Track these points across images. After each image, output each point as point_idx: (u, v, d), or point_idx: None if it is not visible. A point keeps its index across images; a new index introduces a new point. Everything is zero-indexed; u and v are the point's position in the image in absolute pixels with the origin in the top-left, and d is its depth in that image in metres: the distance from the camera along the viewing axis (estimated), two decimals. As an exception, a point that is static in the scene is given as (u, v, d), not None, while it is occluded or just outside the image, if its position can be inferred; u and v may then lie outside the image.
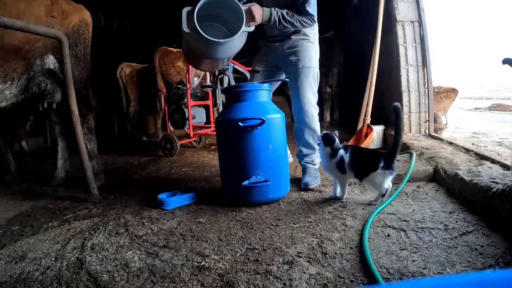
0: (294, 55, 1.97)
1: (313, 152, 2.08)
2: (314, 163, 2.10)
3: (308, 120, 1.99)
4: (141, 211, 1.74)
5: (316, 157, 2.10)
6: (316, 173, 2.06)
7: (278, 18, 1.77)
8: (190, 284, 1.06)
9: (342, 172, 1.66)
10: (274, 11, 1.77)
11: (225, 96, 1.90)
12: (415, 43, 2.94)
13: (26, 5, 1.90)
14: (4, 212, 1.88)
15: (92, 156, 2.32)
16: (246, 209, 1.67)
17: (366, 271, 1.06)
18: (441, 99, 3.86)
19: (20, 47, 1.89)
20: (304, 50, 1.95)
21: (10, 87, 1.92)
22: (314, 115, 1.98)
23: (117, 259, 1.24)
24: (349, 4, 4.27)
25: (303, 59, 1.95)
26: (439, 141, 2.62)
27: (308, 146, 2.05)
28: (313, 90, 1.99)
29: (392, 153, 1.58)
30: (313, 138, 2.01)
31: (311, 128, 2.00)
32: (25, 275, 1.17)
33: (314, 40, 2.00)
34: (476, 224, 1.32)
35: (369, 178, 1.60)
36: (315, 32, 2.02)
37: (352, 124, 3.48)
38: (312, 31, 1.99)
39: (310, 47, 1.96)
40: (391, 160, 1.57)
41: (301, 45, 1.96)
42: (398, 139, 1.57)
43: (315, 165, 2.10)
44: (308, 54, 1.95)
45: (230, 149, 1.74)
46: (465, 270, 1.03)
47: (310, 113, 1.97)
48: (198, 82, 3.66)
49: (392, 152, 1.59)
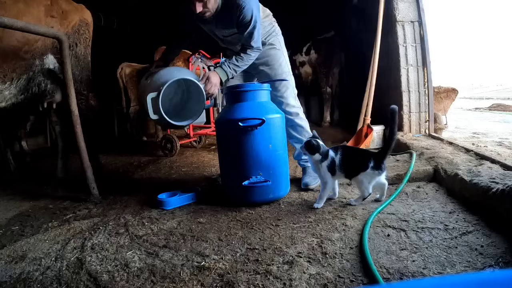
0: (264, 65, 2.05)
1: None
2: None
3: (292, 118, 2.06)
4: (141, 211, 1.74)
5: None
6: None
7: (233, 70, 1.88)
8: (190, 284, 1.06)
9: (332, 173, 1.63)
10: (226, 67, 1.86)
11: (225, 96, 1.90)
12: (415, 43, 2.94)
13: (25, 6, 1.90)
14: (4, 212, 1.88)
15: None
16: (246, 209, 1.67)
17: (366, 271, 1.06)
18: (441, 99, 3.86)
19: (19, 47, 1.89)
20: (273, 58, 2.04)
21: (9, 87, 1.92)
22: (299, 113, 2.09)
23: (117, 259, 1.24)
24: (349, 4, 4.27)
25: (274, 68, 2.04)
26: (439, 141, 2.62)
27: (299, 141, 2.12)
28: (290, 92, 2.07)
29: (383, 154, 1.59)
30: (301, 134, 2.10)
31: (298, 125, 2.10)
32: (25, 275, 1.17)
33: (281, 47, 2.08)
34: (476, 224, 1.32)
35: (358, 177, 1.60)
36: (280, 39, 2.09)
37: (352, 124, 3.48)
38: (277, 38, 2.07)
39: (278, 54, 2.05)
40: (381, 160, 1.58)
41: (269, 54, 2.04)
42: (391, 142, 1.58)
43: None
44: (277, 61, 2.04)
45: (230, 149, 1.74)
46: (465, 270, 1.03)
47: (294, 113, 2.07)
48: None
49: (383, 153, 1.59)
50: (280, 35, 2.08)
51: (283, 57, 2.07)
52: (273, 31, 2.06)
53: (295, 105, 2.07)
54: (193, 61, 3.39)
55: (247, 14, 1.75)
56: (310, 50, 4.77)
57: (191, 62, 3.39)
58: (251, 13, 1.76)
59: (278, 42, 2.06)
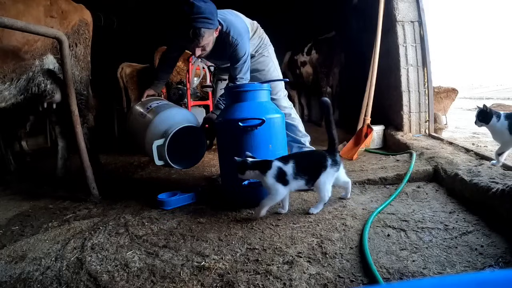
0: (254, 71, 2.15)
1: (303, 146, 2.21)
2: None
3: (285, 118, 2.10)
4: (141, 211, 1.74)
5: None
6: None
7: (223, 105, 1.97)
8: (190, 284, 1.06)
9: (284, 183, 1.51)
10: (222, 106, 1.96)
11: (225, 96, 1.91)
12: (415, 43, 2.94)
13: (24, 6, 1.89)
14: (4, 212, 1.88)
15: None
16: (246, 209, 1.67)
17: (366, 271, 1.06)
18: (441, 99, 3.85)
19: (19, 48, 1.88)
20: (262, 65, 2.16)
21: (9, 88, 1.92)
22: (291, 113, 2.20)
23: (117, 259, 1.24)
24: (349, 4, 4.27)
25: (263, 73, 2.15)
26: (439, 141, 2.62)
27: (295, 140, 2.20)
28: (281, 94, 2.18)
29: (333, 147, 1.60)
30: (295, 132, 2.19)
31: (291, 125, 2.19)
32: (25, 275, 1.17)
33: (269, 54, 2.19)
34: (476, 224, 1.32)
35: (320, 180, 1.55)
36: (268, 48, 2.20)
37: (352, 124, 3.47)
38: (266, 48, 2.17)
39: (267, 61, 2.17)
40: (334, 155, 1.59)
41: (259, 61, 2.17)
42: (332, 132, 1.60)
43: None
44: (266, 66, 2.16)
45: (230, 149, 1.74)
46: (465, 270, 1.03)
47: (287, 113, 2.17)
48: (198, 82, 3.65)
49: (332, 147, 1.61)
50: (269, 45, 2.19)
51: (272, 63, 2.17)
52: (262, 43, 2.17)
53: (287, 106, 2.16)
54: (193, 61, 3.39)
55: (241, 51, 1.88)
56: (311, 50, 4.77)
57: (191, 62, 3.39)
58: (244, 51, 1.89)
59: (266, 51, 2.17)
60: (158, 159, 1.78)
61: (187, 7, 1.68)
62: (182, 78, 4.04)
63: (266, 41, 2.18)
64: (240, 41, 1.85)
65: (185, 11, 1.68)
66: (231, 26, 1.86)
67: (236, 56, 1.88)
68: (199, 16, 1.68)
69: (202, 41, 1.76)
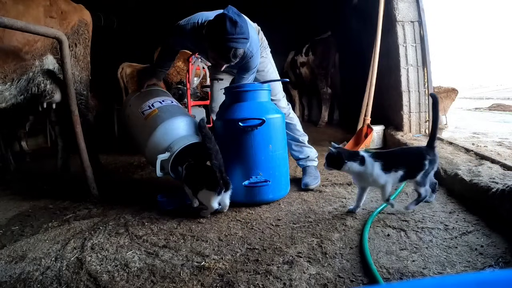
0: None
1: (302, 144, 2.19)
2: (311, 159, 2.15)
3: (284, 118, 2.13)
4: (141, 211, 1.74)
5: (310, 152, 2.18)
6: (316, 173, 2.07)
7: None
8: (190, 284, 1.06)
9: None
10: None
11: (225, 96, 1.91)
12: (415, 43, 2.94)
13: (24, 7, 1.90)
14: (4, 212, 1.88)
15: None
16: (246, 209, 1.67)
17: (366, 271, 1.06)
18: (441, 99, 3.86)
19: (20, 48, 1.89)
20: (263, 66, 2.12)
21: (9, 88, 1.92)
22: (290, 113, 2.18)
23: (117, 259, 1.24)
24: (349, 4, 4.27)
25: (264, 75, 2.11)
26: (439, 141, 2.61)
27: (294, 139, 2.19)
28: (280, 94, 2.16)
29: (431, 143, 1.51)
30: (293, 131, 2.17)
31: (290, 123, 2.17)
32: (25, 275, 1.17)
33: (267, 55, 2.17)
34: (476, 224, 1.32)
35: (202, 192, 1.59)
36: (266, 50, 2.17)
37: (352, 124, 3.48)
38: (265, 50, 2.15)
39: (266, 62, 2.13)
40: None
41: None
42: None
43: (314, 161, 2.16)
44: (265, 67, 2.13)
45: (230, 149, 1.74)
46: (465, 270, 1.03)
47: (286, 113, 2.15)
48: (198, 82, 3.65)
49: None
50: (267, 48, 2.17)
51: (270, 64, 2.15)
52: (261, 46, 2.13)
53: (285, 106, 2.15)
54: (193, 61, 3.39)
55: (253, 63, 1.84)
56: (308, 51, 4.78)
57: (191, 62, 3.39)
58: (257, 63, 1.87)
59: (265, 52, 2.15)
60: (159, 171, 1.76)
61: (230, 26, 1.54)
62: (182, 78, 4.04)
63: (265, 43, 2.18)
64: (255, 53, 1.80)
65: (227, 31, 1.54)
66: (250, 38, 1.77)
67: (248, 68, 1.85)
68: (241, 37, 1.59)
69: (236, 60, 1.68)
